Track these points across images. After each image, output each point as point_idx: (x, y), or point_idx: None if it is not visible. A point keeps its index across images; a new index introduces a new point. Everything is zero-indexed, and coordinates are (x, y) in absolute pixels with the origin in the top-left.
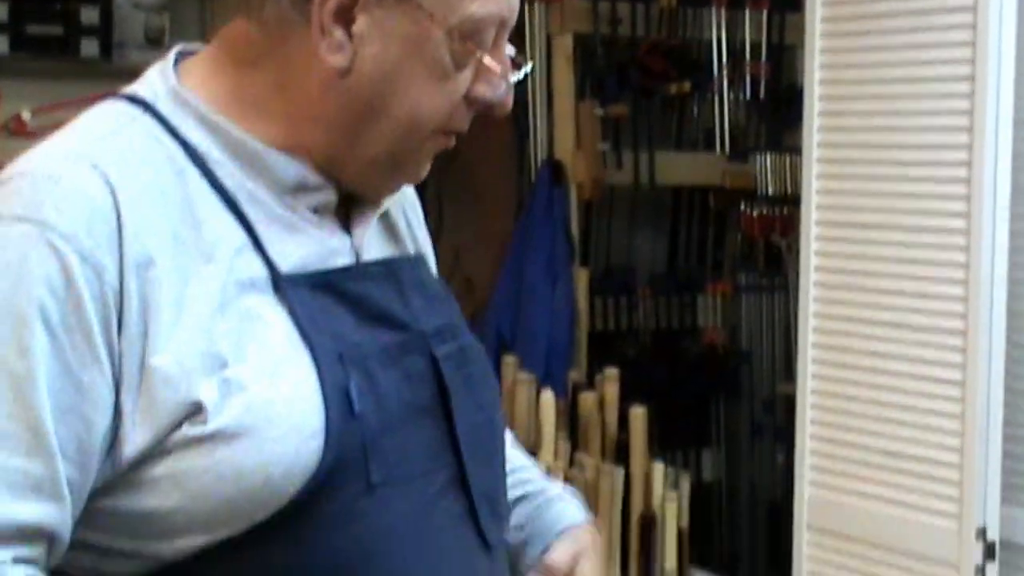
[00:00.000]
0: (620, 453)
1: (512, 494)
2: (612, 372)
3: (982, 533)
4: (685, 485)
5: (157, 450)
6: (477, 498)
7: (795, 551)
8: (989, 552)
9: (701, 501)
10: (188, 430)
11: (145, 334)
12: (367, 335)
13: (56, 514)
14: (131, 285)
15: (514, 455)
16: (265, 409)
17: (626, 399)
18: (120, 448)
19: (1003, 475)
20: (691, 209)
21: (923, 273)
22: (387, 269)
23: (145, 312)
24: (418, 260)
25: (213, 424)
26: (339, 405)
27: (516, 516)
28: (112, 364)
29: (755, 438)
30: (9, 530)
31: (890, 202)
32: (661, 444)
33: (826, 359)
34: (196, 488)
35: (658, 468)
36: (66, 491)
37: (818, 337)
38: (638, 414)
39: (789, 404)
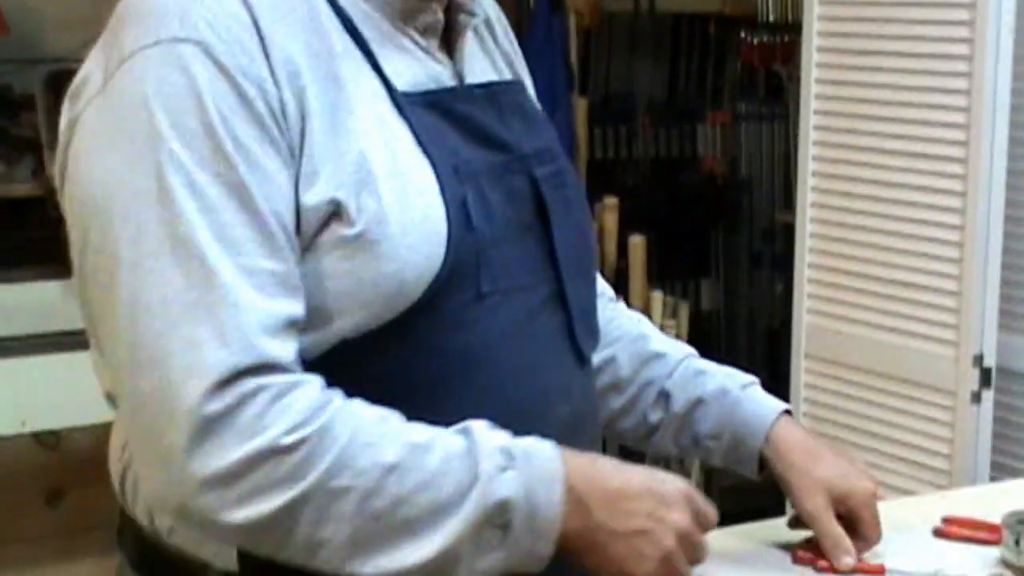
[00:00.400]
0: (619, 282)
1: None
2: (611, 201)
3: (979, 360)
4: (684, 314)
5: (305, 251)
6: (575, 313)
7: (793, 379)
8: (985, 378)
9: (700, 330)
10: (334, 231)
11: (303, 139)
12: (474, 153)
13: (301, 307)
14: (286, 94)
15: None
16: (401, 217)
17: (625, 228)
18: None
19: (1000, 302)
20: (691, 37)
21: (924, 100)
22: (489, 92)
23: (301, 119)
24: (517, 85)
25: (356, 228)
26: (458, 216)
27: (703, 423)
28: (290, 165)
29: (754, 267)
30: (280, 324)
31: (891, 28)
32: (660, 274)
33: (825, 188)
34: (335, 288)
35: (656, 297)
36: (299, 283)
37: (818, 166)
38: (637, 243)
39: (788, 233)
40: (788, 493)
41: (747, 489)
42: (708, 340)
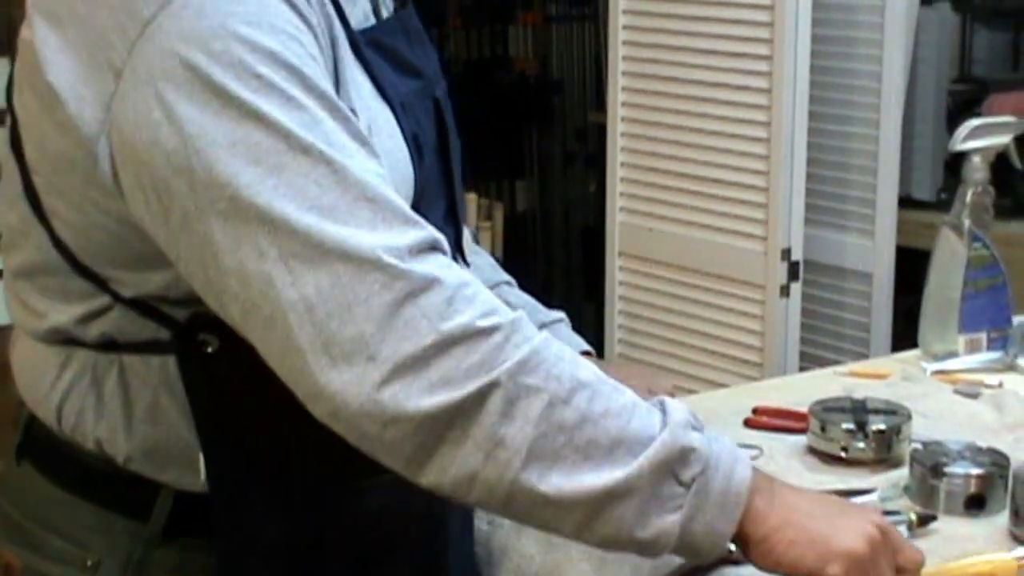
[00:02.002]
0: None
1: None
2: None
3: (787, 254)
4: (499, 215)
5: None
6: (461, 229)
7: (608, 277)
8: (793, 272)
9: (515, 231)
10: None
11: (334, 69)
12: (405, 85)
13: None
14: (320, 22)
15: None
16: (385, 161)
17: None
18: None
19: (807, 197)
20: None
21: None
22: (400, 22)
23: (331, 47)
24: (413, 11)
25: None
26: (414, 153)
27: None
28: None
29: (567, 167)
30: (405, 204)
31: None
32: (474, 175)
33: (636, 87)
34: None
35: (471, 199)
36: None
37: (627, 66)
38: None
39: (600, 132)
40: None
41: None
42: (524, 241)
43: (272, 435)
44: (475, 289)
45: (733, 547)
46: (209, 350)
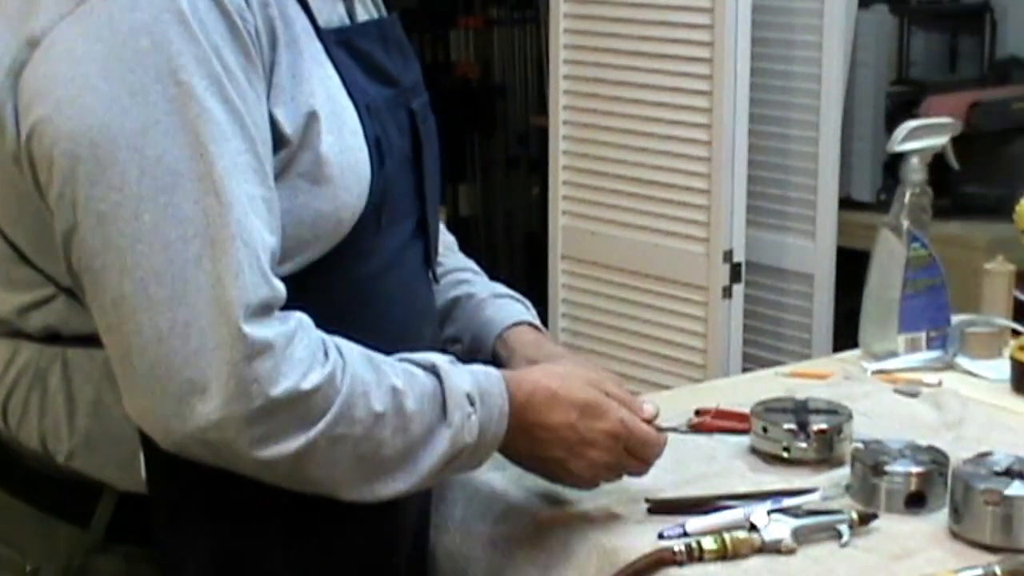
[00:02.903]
0: None
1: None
2: None
3: (729, 255)
4: (442, 220)
5: None
6: (432, 241)
7: (551, 280)
8: (735, 273)
9: (459, 235)
10: (283, 171)
11: (271, 71)
12: (376, 90)
13: (279, 227)
14: (260, 23)
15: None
16: (339, 158)
17: None
18: None
19: (748, 199)
20: None
21: (673, 2)
22: (378, 28)
23: (272, 51)
24: (395, 20)
25: (300, 168)
26: (376, 156)
27: (447, 327)
28: (264, 97)
29: (510, 171)
30: (273, 255)
31: None
32: None
33: (577, 91)
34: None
35: None
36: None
37: (569, 69)
38: None
39: (543, 136)
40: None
41: None
42: (467, 245)
43: None
44: (296, 347)
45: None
46: None
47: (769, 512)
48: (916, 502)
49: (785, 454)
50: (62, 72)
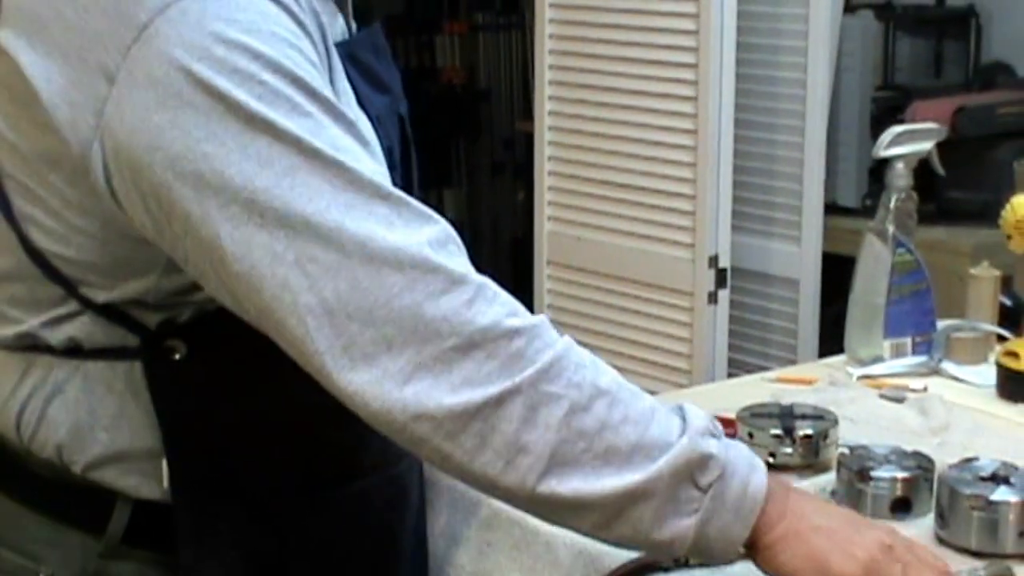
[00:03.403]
0: None
1: None
2: None
3: (714, 261)
4: None
5: None
6: None
7: (536, 286)
8: (720, 279)
9: None
10: None
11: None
12: (377, 100)
13: None
14: (315, 37)
15: None
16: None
17: None
18: None
19: (733, 204)
20: None
21: (656, 8)
22: (370, 38)
23: (325, 68)
24: (379, 29)
25: None
26: (387, 165)
27: None
28: None
29: (496, 176)
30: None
31: None
32: None
33: (563, 96)
34: None
35: None
36: None
37: (554, 74)
38: None
39: (528, 141)
40: None
41: None
42: None
43: (236, 443)
44: (495, 290)
45: (742, 549)
46: (176, 356)
47: None
48: (902, 507)
49: (771, 459)
50: (147, 98)
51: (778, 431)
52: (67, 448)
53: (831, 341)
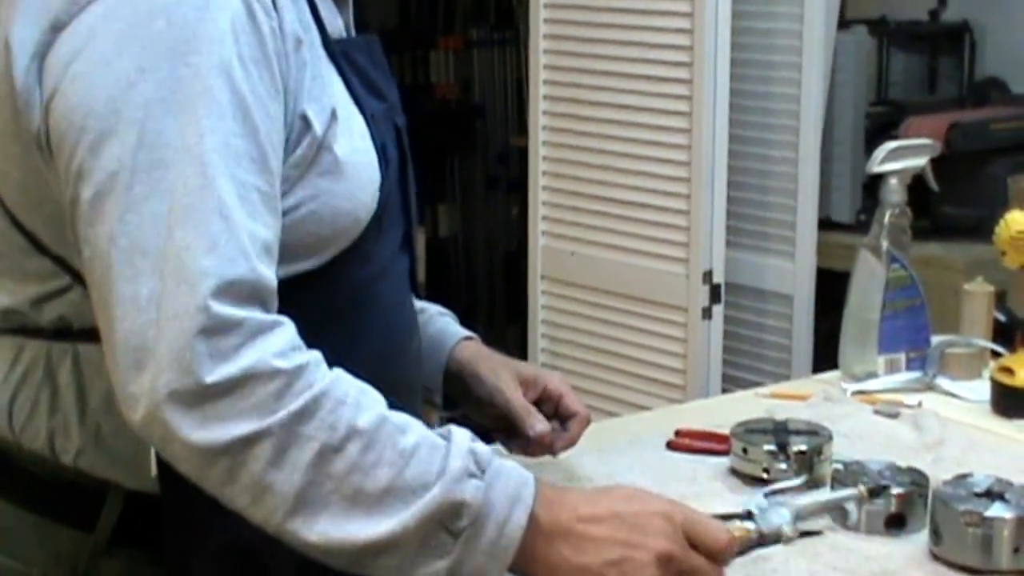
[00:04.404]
0: None
1: None
2: None
3: (708, 276)
4: (421, 240)
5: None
6: (414, 256)
7: (530, 301)
8: (715, 294)
9: (438, 256)
10: (300, 152)
11: (299, 71)
12: (372, 102)
13: (277, 231)
14: (285, 24)
15: None
16: (354, 158)
17: None
18: None
19: (728, 219)
20: None
21: (651, 23)
22: (367, 44)
23: (294, 52)
24: (377, 41)
25: (321, 167)
26: (381, 161)
27: None
28: (280, 96)
29: (490, 191)
30: (260, 246)
31: None
32: None
33: (557, 111)
34: (302, 227)
35: None
36: (279, 208)
37: (548, 89)
38: None
39: (522, 156)
40: (475, 387)
41: None
42: (446, 265)
43: None
44: (271, 334)
45: None
46: None
47: (766, 495)
48: (896, 523)
49: (765, 475)
50: (80, 49)
51: (772, 447)
52: (59, 435)
53: (825, 357)
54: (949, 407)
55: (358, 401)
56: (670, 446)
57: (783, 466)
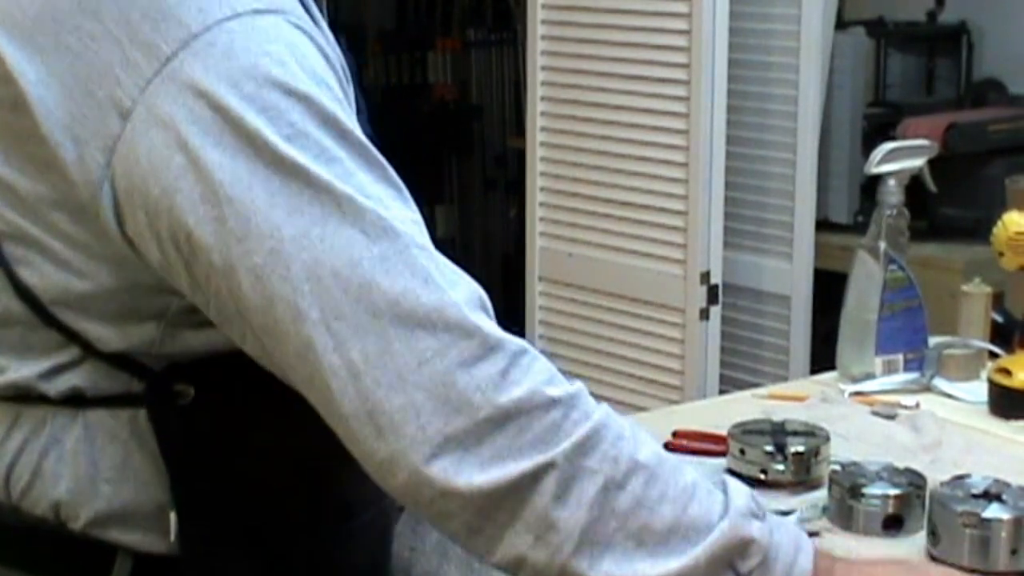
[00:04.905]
0: None
1: None
2: None
3: (706, 277)
4: None
5: None
6: None
7: (528, 302)
8: (712, 295)
9: None
10: None
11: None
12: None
13: None
14: (343, 81)
15: None
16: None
17: None
18: None
19: (725, 221)
20: None
21: (648, 24)
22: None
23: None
24: (344, 48)
25: None
26: None
27: None
28: None
29: (488, 193)
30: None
31: None
32: None
33: (554, 112)
34: None
35: None
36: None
37: (546, 91)
38: None
39: (520, 158)
40: None
41: None
42: None
43: (246, 488)
44: (530, 357)
45: None
46: (184, 401)
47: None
48: (894, 525)
49: (762, 476)
50: (166, 136)
51: (770, 448)
52: (66, 504)
53: (823, 358)
54: (947, 408)
55: (635, 435)
56: (668, 447)
57: (780, 467)
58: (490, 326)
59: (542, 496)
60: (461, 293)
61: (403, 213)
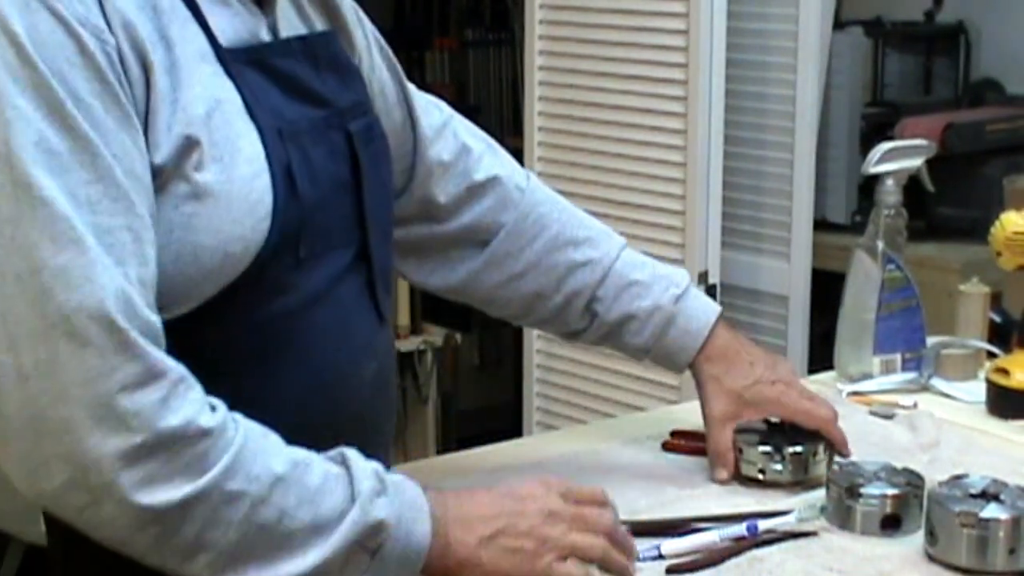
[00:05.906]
0: None
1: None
2: None
3: (704, 277)
4: None
5: None
6: (377, 273)
7: None
8: (710, 294)
9: None
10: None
11: (148, 95)
12: (296, 112)
13: (153, 262)
14: (124, 46)
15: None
16: (226, 188)
17: None
18: None
19: (723, 220)
20: None
21: (645, 24)
22: (305, 46)
23: (144, 73)
24: (331, 36)
25: (179, 203)
26: (284, 183)
27: (635, 337)
28: (135, 122)
29: None
30: (137, 286)
31: None
32: None
33: (552, 112)
34: (160, 267)
35: None
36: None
37: (544, 90)
38: None
39: (518, 157)
40: (700, 398)
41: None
42: None
43: None
44: (187, 386)
45: None
46: None
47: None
48: (891, 524)
49: (760, 476)
50: None
51: (767, 448)
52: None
53: (820, 358)
54: (945, 408)
55: (267, 447)
56: (665, 447)
57: (778, 467)
58: (157, 353)
59: (193, 523)
60: (137, 317)
61: (107, 219)
